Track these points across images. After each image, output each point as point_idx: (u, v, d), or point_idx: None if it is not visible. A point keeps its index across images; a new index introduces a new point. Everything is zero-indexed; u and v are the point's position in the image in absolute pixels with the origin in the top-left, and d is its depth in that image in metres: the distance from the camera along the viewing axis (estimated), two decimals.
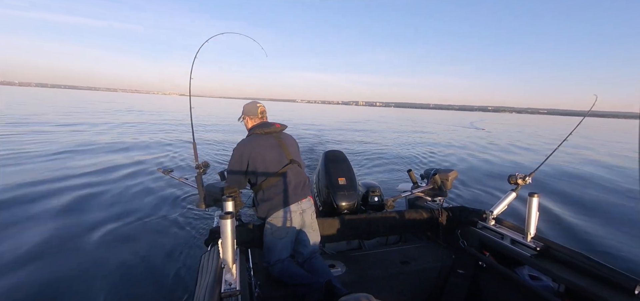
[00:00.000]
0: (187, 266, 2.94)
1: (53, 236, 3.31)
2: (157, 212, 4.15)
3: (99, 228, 3.57)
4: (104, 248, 3.18)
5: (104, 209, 4.14)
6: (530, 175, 2.18)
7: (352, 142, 13.10)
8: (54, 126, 11.89)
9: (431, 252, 2.34)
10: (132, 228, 3.65)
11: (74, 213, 3.93)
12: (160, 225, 3.77)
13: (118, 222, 3.77)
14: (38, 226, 3.51)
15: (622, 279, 1.51)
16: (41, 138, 8.91)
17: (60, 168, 5.85)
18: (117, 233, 3.49)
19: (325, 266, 1.95)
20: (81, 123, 13.69)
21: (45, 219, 3.70)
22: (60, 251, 3.06)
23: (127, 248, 3.20)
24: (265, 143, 2.00)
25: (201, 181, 2.03)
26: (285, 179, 1.96)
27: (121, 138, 10.01)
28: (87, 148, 8.10)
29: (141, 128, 13.50)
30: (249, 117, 2.14)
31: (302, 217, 1.98)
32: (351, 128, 20.83)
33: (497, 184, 6.89)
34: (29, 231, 3.38)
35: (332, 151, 2.91)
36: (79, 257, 2.99)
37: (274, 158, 1.98)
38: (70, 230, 3.49)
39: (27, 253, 2.95)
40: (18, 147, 7.44)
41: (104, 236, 3.39)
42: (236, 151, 2.00)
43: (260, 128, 2.04)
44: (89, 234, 3.42)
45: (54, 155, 6.98)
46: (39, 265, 2.80)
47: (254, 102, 2.16)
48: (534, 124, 45.94)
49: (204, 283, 1.43)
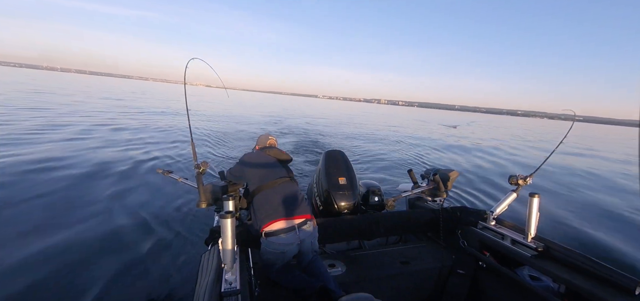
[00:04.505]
0: (187, 266, 2.94)
1: (53, 237, 3.31)
2: (157, 212, 4.15)
3: (98, 228, 3.57)
4: (104, 248, 3.18)
5: (103, 209, 4.13)
6: (530, 176, 2.18)
7: (352, 142, 13.10)
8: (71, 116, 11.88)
9: (431, 252, 2.34)
10: (132, 228, 3.65)
11: (74, 214, 3.93)
12: (160, 225, 3.76)
13: (118, 222, 3.77)
14: (38, 226, 3.51)
15: (622, 279, 1.51)
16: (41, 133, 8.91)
17: (61, 170, 5.86)
18: (116, 233, 3.49)
19: (324, 269, 1.95)
20: (96, 113, 13.69)
21: (45, 219, 3.70)
22: (60, 251, 3.06)
23: (127, 248, 3.21)
24: (267, 159, 2.23)
25: (201, 180, 2.04)
26: (280, 192, 2.00)
27: (123, 137, 10.02)
28: (88, 146, 8.10)
29: (150, 120, 13.50)
30: (259, 145, 2.52)
31: (298, 233, 1.91)
32: (352, 126, 20.84)
33: (498, 184, 6.89)
34: (29, 231, 3.39)
35: (332, 151, 2.91)
36: (78, 257, 2.99)
37: (271, 171, 2.15)
38: (70, 230, 3.49)
39: (27, 253, 2.95)
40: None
41: (104, 237, 3.39)
42: (242, 157, 2.29)
43: (267, 149, 2.34)
44: (89, 234, 3.42)
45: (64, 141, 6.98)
46: (38, 265, 2.80)
47: (266, 135, 2.58)
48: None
49: (204, 283, 1.43)
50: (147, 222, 3.84)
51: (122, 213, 4.04)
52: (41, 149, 6.62)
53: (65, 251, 3.07)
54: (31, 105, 13.52)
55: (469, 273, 2.15)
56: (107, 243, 3.29)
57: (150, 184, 5.26)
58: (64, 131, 8.95)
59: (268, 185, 2.03)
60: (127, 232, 3.54)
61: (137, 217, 3.94)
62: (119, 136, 9.32)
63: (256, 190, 2.03)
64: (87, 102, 18.28)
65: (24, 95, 18.15)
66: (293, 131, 15.21)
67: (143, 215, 4.00)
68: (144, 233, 3.54)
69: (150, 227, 3.70)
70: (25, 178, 4.85)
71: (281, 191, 2.01)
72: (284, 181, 2.09)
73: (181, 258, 3.06)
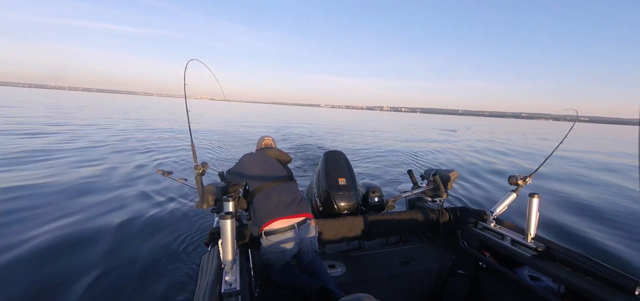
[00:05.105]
0: (187, 267, 2.94)
1: (53, 236, 3.31)
2: (157, 212, 4.15)
3: (98, 228, 3.57)
4: (104, 249, 3.18)
5: (103, 210, 4.13)
6: (530, 176, 2.18)
7: (352, 143, 13.09)
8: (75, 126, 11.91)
9: (431, 253, 2.34)
10: (132, 229, 3.65)
11: (74, 213, 3.93)
12: (160, 226, 3.77)
13: (118, 222, 3.76)
14: (37, 226, 3.51)
15: (622, 279, 1.51)
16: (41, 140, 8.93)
17: (61, 169, 5.86)
18: (117, 234, 3.49)
19: (324, 269, 1.95)
20: (97, 124, 13.73)
21: (44, 219, 3.70)
22: (60, 251, 3.06)
23: (127, 249, 3.21)
24: (266, 159, 2.24)
25: (201, 181, 2.03)
26: (279, 192, 2.00)
27: (124, 141, 10.04)
28: (89, 149, 8.11)
29: (150, 131, 13.53)
30: (258, 147, 2.55)
31: (297, 231, 1.91)
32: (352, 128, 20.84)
33: (497, 184, 6.89)
34: (28, 231, 3.39)
35: (332, 151, 2.91)
36: (78, 257, 2.99)
37: (271, 171, 2.15)
38: (69, 230, 3.49)
39: (26, 254, 2.95)
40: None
41: (104, 237, 3.39)
42: (242, 158, 2.28)
43: (266, 149, 2.36)
44: (89, 235, 3.42)
45: (57, 157, 6.99)
46: (37, 266, 2.80)
47: (266, 136, 2.63)
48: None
49: (204, 283, 1.43)
50: (147, 222, 3.84)
51: (122, 213, 4.04)
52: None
53: (65, 251, 3.07)
54: (60, 121, 14.28)
55: (469, 273, 2.15)
56: (107, 243, 3.29)
57: (150, 185, 5.27)
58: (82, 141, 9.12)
59: (268, 185, 2.03)
60: (126, 233, 3.55)
61: (137, 218, 3.94)
62: (124, 141, 9.38)
63: (256, 190, 2.03)
64: (108, 117, 19.35)
65: (56, 112, 19.92)
66: (294, 139, 15.20)
67: (143, 216, 4.01)
68: (143, 234, 3.54)
69: (150, 228, 3.70)
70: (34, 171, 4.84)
71: (281, 191, 2.01)
72: (284, 181, 2.09)
73: (181, 259, 3.06)
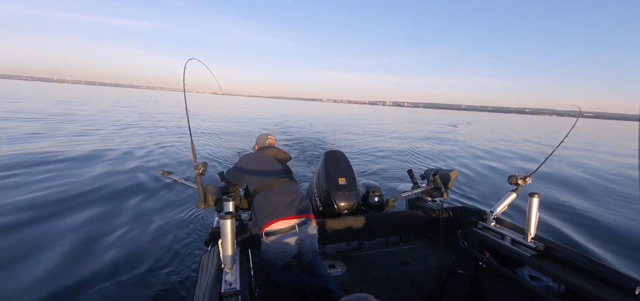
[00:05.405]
0: (187, 266, 2.94)
1: (53, 237, 3.31)
2: (157, 212, 4.15)
3: (98, 229, 3.57)
4: (104, 249, 3.18)
5: (103, 210, 4.13)
6: (530, 176, 2.18)
7: (352, 143, 13.09)
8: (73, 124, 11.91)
9: (431, 252, 2.34)
10: (132, 229, 3.65)
11: (73, 213, 3.93)
12: (160, 226, 3.76)
13: (118, 222, 3.77)
14: (37, 226, 3.52)
15: (622, 279, 1.51)
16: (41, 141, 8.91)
17: (61, 170, 5.85)
18: (117, 234, 3.49)
19: (324, 269, 1.95)
20: (93, 122, 13.71)
21: (45, 219, 3.70)
22: (60, 251, 3.06)
23: (127, 249, 3.21)
24: (266, 159, 2.22)
25: (201, 181, 2.04)
26: (280, 192, 1.99)
27: (125, 140, 10.02)
28: (89, 149, 8.10)
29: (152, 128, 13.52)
30: (258, 145, 2.48)
31: (298, 232, 1.90)
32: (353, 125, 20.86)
33: (497, 184, 6.89)
34: (27, 231, 3.39)
35: (332, 151, 2.91)
36: (78, 257, 2.99)
37: (271, 171, 2.14)
38: (69, 230, 3.49)
39: (25, 253, 2.95)
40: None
41: (104, 237, 3.39)
42: (241, 158, 2.27)
43: (266, 148, 2.33)
44: (89, 235, 3.42)
45: (60, 160, 6.98)
46: (37, 266, 2.80)
47: (266, 134, 2.52)
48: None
49: (204, 283, 1.43)
50: (146, 222, 3.84)
51: (122, 213, 4.04)
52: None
53: (65, 250, 3.07)
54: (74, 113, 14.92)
55: (468, 273, 2.15)
56: (106, 243, 3.29)
57: (150, 185, 5.27)
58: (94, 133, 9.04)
59: (268, 185, 2.03)
60: (126, 233, 3.54)
61: (137, 217, 3.94)
62: (123, 138, 9.36)
63: (256, 190, 2.03)
64: (113, 109, 19.99)
65: (66, 106, 20.56)
66: (294, 134, 15.20)
67: (143, 216, 4.01)
68: (143, 234, 3.54)
69: (150, 228, 3.70)
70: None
71: (281, 191, 2.01)
72: (284, 181, 2.08)
73: (181, 259, 3.06)
